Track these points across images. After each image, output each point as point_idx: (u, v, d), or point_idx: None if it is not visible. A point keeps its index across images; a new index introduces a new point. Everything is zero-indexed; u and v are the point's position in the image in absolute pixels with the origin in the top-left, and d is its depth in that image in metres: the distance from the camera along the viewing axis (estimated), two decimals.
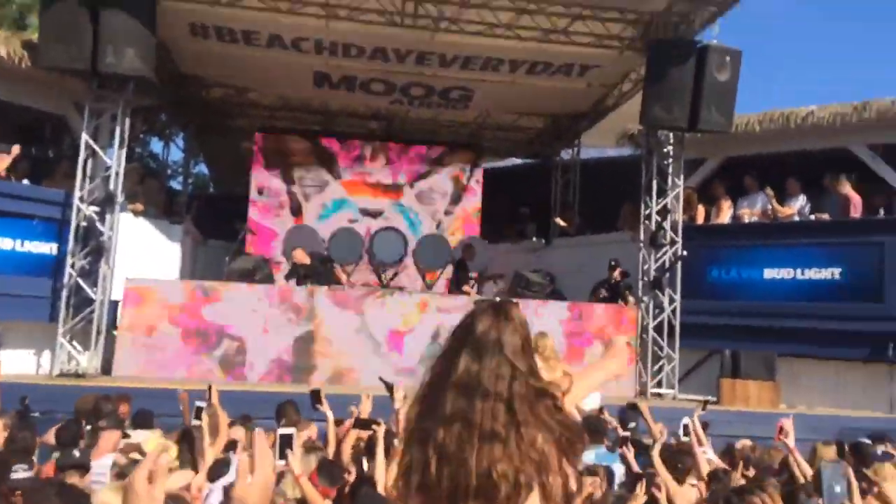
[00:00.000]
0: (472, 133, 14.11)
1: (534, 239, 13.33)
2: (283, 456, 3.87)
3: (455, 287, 11.20)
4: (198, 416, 4.67)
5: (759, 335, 9.68)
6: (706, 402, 6.40)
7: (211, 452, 4.14)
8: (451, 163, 13.39)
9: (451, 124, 13.89)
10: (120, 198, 9.04)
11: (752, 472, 4.98)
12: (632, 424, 5.80)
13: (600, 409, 5.73)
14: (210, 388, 4.42)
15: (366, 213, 13.03)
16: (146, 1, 8.21)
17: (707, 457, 4.95)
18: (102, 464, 4.17)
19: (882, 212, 9.68)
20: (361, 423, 4.17)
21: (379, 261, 12.70)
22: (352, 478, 4.02)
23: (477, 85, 11.45)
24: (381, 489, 3.62)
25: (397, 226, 13.03)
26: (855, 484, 4.04)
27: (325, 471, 3.80)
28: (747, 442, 5.68)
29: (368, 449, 4.17)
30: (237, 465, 1.51)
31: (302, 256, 10.36)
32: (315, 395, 4.56)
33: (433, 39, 9.94)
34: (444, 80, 11.35)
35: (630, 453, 4.74)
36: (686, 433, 5.48)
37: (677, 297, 9.74)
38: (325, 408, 4.52)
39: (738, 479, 4.47)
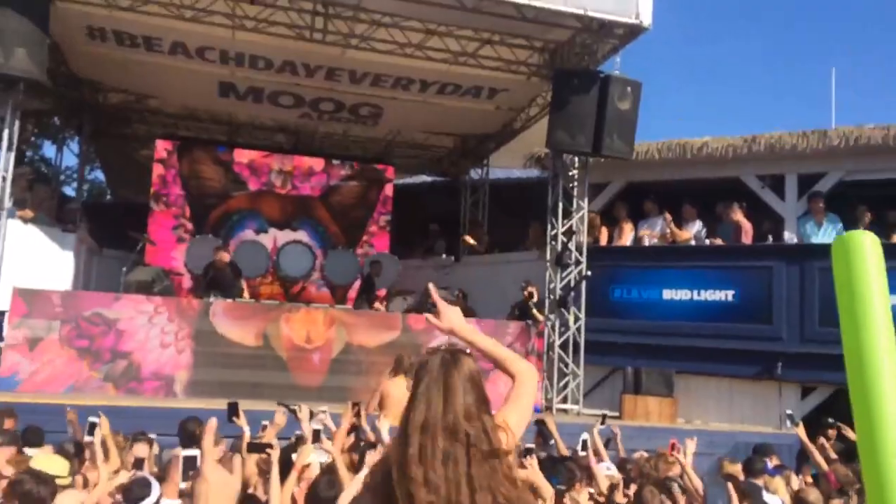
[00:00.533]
0: (381, 150, 14.08)
1: (443, 256, 13.39)
2: (186, 478, 3.74)
3: (363, 303, 11.08)
4: (90, 432, 4.43)
5: (658, 353, 10.03)
6: (605, 417, 6.57)
7: (105, 470, 3.96)
8: (360, 178, 13.29)
9: (360, 140, 13.82)
10: (8, 203, 8.53)
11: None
12: (551, 441, 5.88)
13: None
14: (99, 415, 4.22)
15: (272, 224, 12.74)
16: (39, 0, 7.78)
17: (608, 472, 5.06)
18: None
19: (770, 238, 10.24)
20: (254, 447, 4.03)
21: (285, 275, 12.43)
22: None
23: (387, 102, 11.45)
24: None
25: (305, 240, 12.81)
26: (735, 499, 4.24)
27: None
28: (643, 453, 5.84)
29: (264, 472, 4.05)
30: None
31: (223, 259, 10.05)
32: (232, 409, 4.36)
33: (343, 56, 9.89)
34: (354, 96, 11.31)
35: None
36: (584, 448, 5.61)
37: (582, 315, 9.97)
38: (242, 422, 4.32)
39: (632, 490, 4.60)
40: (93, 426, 4.37)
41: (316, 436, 4.31)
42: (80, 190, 14.22)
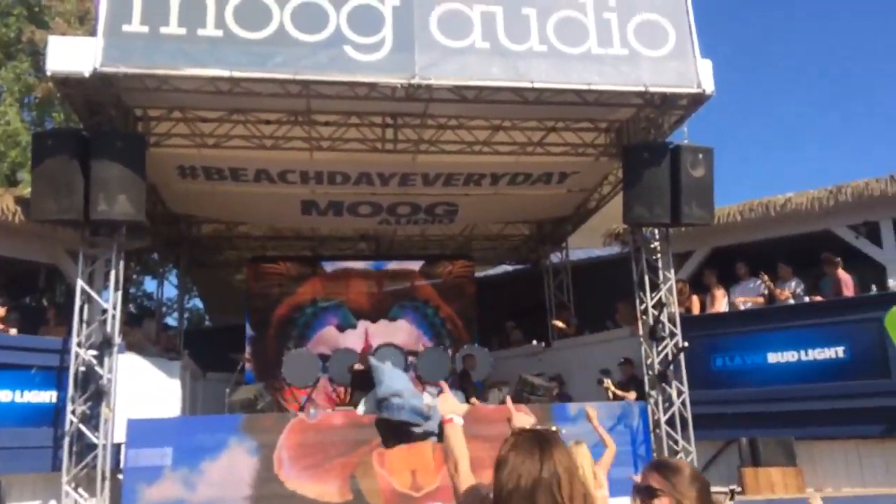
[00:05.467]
0: (460, 245, 14.35)
1: (534, 342, 13.30)
2: None
3: (462, 398, 11.05)
4: None
5: (772, 420, 9.53)
6: (733, 493, 6.20)
7: None
8: (442, 275, 13.57)
9: (438, 238, 14.13)
10: (118, 339, 9.03)
11: None
12: None
13: None
14: None
15: (360, 316, 13.06)
16: (136, 150, 8.46)
17: None
18: None
19: (874, 288, 9.77)
20: None
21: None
22: None
23: (461, 199, 11.74)
24: None
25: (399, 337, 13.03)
26: None
27: None
28: None
29: None
30: None
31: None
32: None
33: (415, 161, 10.27)
34: (429, 197, 11.64)
35: None
36: None
37: (685, 388, 9.64)
38: None
39: None
40: None
41: None
42: (181, 319, 14.93)
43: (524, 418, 2.44)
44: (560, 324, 13.16)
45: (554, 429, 2.11)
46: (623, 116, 9.59)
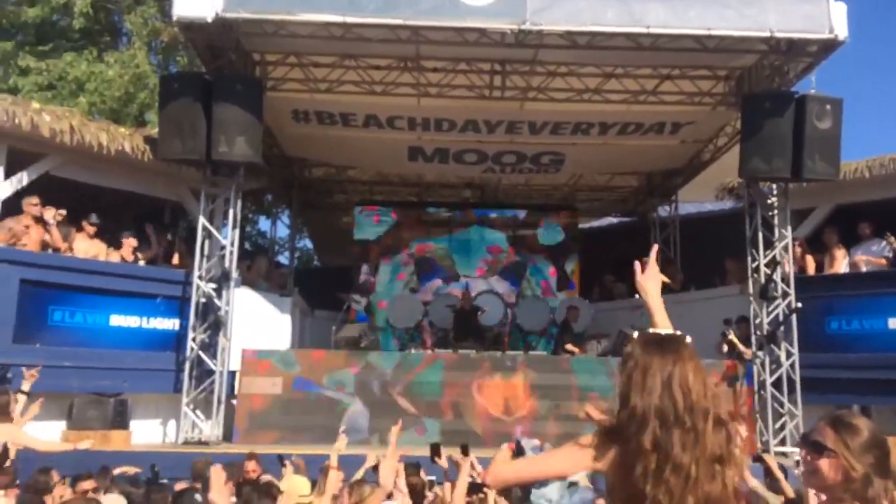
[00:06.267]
0: (565, 196, 14.18)
1: (636, 296, 13.05)
2: None
3: (560, 349, 11.08)
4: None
5: (889, 388, 9.07)
6: None
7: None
8: (547, 224, 13.53)
9: (544, 188, 14.02)
10: (235, 274, 9.55)
11: None
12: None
13: None
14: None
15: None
16: (254, 93, 8.79)
17: None
18: None
19: None
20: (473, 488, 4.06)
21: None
22: None
23: (567, 149, 11.56)
24: None
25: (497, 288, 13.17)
26: None
27: None
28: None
29: None
30: None
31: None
32: (435, 449, 4.45)
33: (522, 108, 10.17)
34: (535, 146, 11.54)
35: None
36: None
37: (795, 350, 9.29)
38: (443, 462, 4.42)
39: None
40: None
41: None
42: (291, 258, 15.59)
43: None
44: (665, 278, 12.83)
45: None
46: (745, 63, 9.10)
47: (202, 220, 9.39)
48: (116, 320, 9.35)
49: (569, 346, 10.98)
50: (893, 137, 38.70)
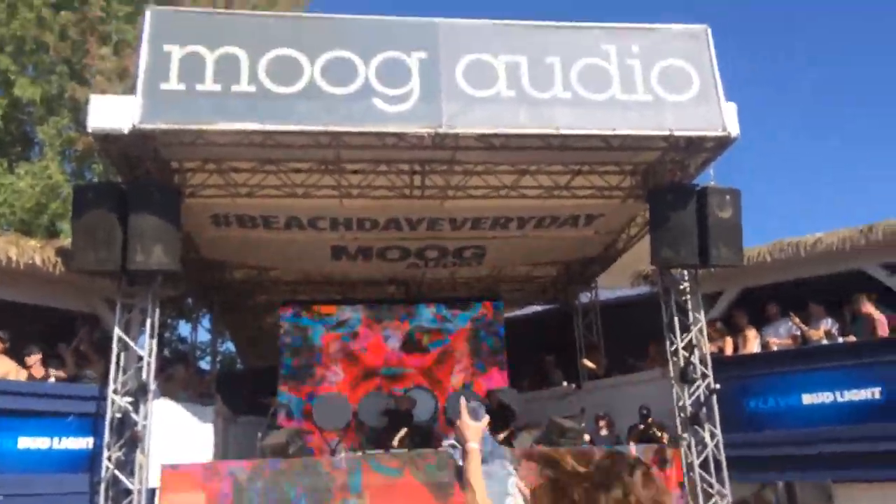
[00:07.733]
0: (488, 287, 14.40)
1: (564, 384, 13.22)
2: None
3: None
4: None
5: (808, 463, 9.36)
6: None
7: None
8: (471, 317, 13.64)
9: (467, 280, 14.21)
10: (153, 386, 9.18)
11: None
12: None
13: None
14: None
15: (391, 377, 13.10)
16: (172, 201, 8.71)
17: None
18: None
19: None
20: None
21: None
22: None
23: (488, 242, 11.84)
24: None
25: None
26: None
27: None
28: None
29: None
30: None
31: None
32: None
33: (443, 206, 10.41)
34: (457, 240, 11.76)
35: None
36: None
37: (718, 431, 9.52)
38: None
39: None
40: None
41: None
42: (213, 362, 15.12)
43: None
44: (590, 364, 13.09)
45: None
46: (648, 159, 9.67)
47: (117, 332, 9.06)
48: (25, 442, 8.80)
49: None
50: (793, 222, 41.34)
